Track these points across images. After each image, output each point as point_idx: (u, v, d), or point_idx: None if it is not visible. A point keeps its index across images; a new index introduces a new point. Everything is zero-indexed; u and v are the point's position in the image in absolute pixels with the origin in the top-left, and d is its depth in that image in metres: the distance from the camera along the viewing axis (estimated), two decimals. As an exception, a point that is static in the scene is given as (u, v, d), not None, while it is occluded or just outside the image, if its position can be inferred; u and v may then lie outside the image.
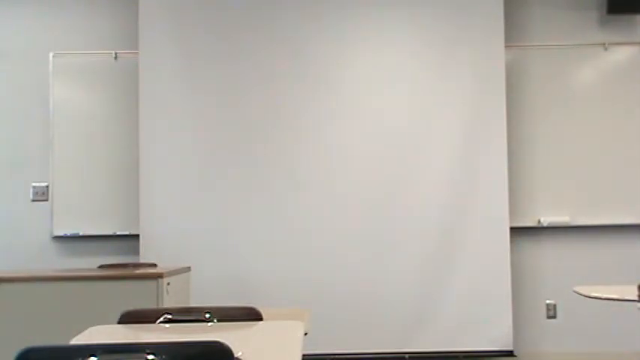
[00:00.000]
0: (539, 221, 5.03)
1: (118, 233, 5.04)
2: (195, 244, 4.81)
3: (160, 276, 3.36)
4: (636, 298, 2.90)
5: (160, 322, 2.04)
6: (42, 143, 5.12)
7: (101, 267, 4.20)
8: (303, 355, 1.59)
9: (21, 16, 5.22)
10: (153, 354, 1.29)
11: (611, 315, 4.96)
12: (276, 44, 4.93)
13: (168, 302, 3.40)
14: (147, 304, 3.25)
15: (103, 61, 5.12)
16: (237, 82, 4.91)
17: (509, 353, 4.77)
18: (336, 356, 4.76)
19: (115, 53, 5.12)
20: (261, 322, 2.05)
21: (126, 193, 5.03)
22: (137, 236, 4.85)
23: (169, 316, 2.06)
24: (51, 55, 5.12)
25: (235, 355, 1.34)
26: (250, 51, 4.92)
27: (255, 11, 4.94)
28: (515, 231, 4.95)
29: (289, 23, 4.94)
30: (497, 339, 4.77)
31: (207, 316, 2.06)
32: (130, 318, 2.05)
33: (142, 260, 4.72)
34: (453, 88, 4.88)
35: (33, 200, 5.13)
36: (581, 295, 3.19)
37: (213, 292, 4.71)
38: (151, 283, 3.35)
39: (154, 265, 4.19)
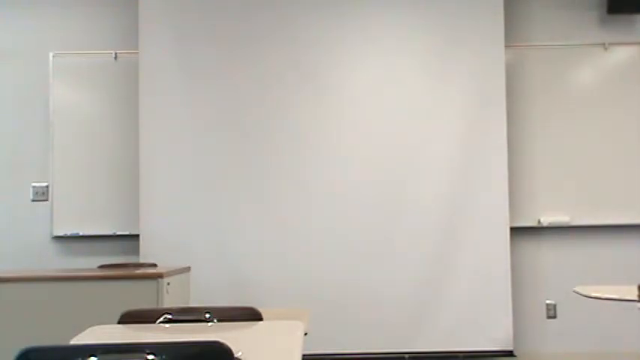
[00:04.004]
0: (539, 221, 5.03)
1: (118, 233, 5.04)
2: (196, 244, 4.81)
3: (160, 276, 3.36)
4: (636, 298, 2.90)
5: (160, 322, 2.04)
6: (42, 143, 5.12)
7: (101, 267, 4.20)
8: (303, 355, 1.59)
9: (21, 16, 5.22)
10: (153, 354, 1.29)
11: (611, 315, 4.96)
12: (276, 43, 4.93)
13: (169, 302, 3.40)
14: (147, 304, 3.25)
15: (103, 61, 5.12)
16: (237, 82, 4.91)
17: (509, 353, 4.78)
18: (336, 356, 4.76)
19: (115, 53, 5.12)
20: (261, 322, 2.05)
21: (126, 193, 5.03)
22: (137, 236, 4.85)
23: (169, 316, 2.06)
24: (51, 55, 5.12)
25: (235, 355, 1.34)
26: (250, 51, 4.92)
27: (255, 11, 4.94)
28: (515, 231, 4.95)
29: (289, 24, 4.94)
30: (497, 339, 4.77)
31: (207, 316, 2.06)
32: (130, 318, 2.05)
33: (142, 260, 4.72)
34: (453, 88, 4.89)
35: (33, 200, 5.13)
36: (581, 295, 3.19)
37: (213, 292, 4.71)
38: (151, 283, 3.35)
39: (154, 265, 4.19)
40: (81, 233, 5.06)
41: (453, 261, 4.80)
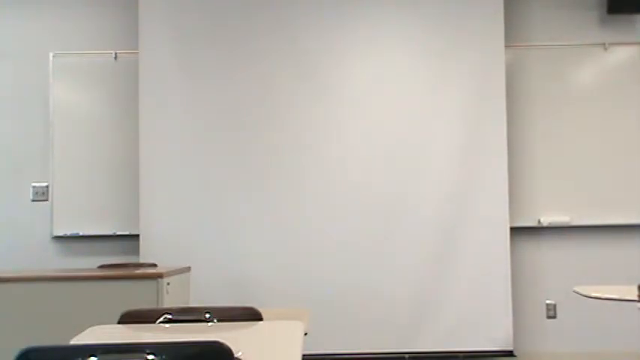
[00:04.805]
0: (539, 221, 5.03)
1: (118, 233, 5.04)
2: (195, 244, 4.81)
3: (159, 276, 3.36)
4: (636, 298, 2.90)
5: (160, 322, 2.04)
6: (42, 143, 5.12)
7: (101, 267, 4.20)
8: (303, 355, 1.59)
9: (21, 16, 5.22)
10: (153, 354, 1.29)
11: (611, 315, 4.96)
12: (276, 44, 4.93)
13: (169, 302, 3.40)
14: (147, 304, 3.25)
15: (103, 61, 5.12)
16: (238, 83, 4.91)
17: (509, 353, 4.77)
18: (336, 356, 4.75)
19: (115, 53, 5.12)
20: (261, 322, 2.05)
21: (126, 193, 5.03)
22: (137, 236, 4.85)
23: (169, 316, 2.06)
24: (51, 55, 5.12)
25: (235, 355, 1.34)
26: (251, 52, 4.92)
27: (255, 11, 4.94)
28: (515, 231, 4.95)
29: (289, 24, 4.94)
30: (497, 339, 4.77)
31: (207, 316, 2.06)
32: (130, 318, 2.05)
33: (142, 260, 4.72)
34: (453, 88, 4.88)
35: (33, 200, 5.13)
36: (581, 295, 3.19)
37: (213, 292, 4.71)
38: (151, 283, 3.35)
39: (154, 265, 4.19)
40: (81, 233, 5.06)
41: (453, 261, 4.80)
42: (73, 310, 3.31)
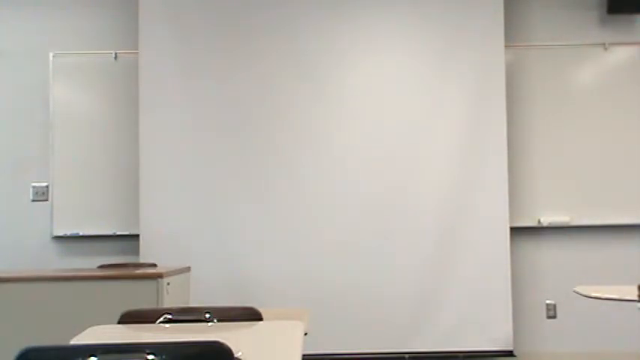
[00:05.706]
0: (539, 221, 5.03)
1: (118, 233, 5.04)
2: (196, 244, 4.81)
3: (159, 276, 3.36)
4: (636, 298, 2.90)
5: (160, 322, 2.04)
6: (42, 143, 5.12)
7: (101, 267, 4.20)
8: (303, 355, 1.59)
9: (21, 16, 5.22)
10: (153, 354, 1.29)
11: (611, 315, 4.96)
12: (276, 44, 4.93)
13: (169, 302, 3.40)
14: (147, 304, 3.25)
15: (103, 61, 5.12)
16: (238, 83, 4.91)
17: (509, 353, 4.78)
18: (336, 356, 4.75)
19: (115, 53, 5.12)
20: (261, 322, 2.05)
21: (126, 193, 5.03)
22: (137, 236, 4.85)
23: (169, 316, 2.06)
24: (51, 55, 5.12)
25: (235, 355, 1.34)
26: (251, 52, 4.92)
27: (256, 11, 4.94)
28: (515, 231, 4.95)
29: (289, 24, 4.94)
30: (497, 339, 4.77)
31: (207, 316, 2.06)
32: (130, 318, 2.05)
33: (142, 260, 4.72)
34: (453, 88, 4.89)
35: (33, 200, 5.13)
36: (581, 295, 3.19)
37: (213, 292, 4.71)
38: (151, 283, 3.35)
39: (154, 265, 4.19)
40: (81, 233, 5.06)
41: (453, 261, 4.80)
42: (73, 310, 3.31)
